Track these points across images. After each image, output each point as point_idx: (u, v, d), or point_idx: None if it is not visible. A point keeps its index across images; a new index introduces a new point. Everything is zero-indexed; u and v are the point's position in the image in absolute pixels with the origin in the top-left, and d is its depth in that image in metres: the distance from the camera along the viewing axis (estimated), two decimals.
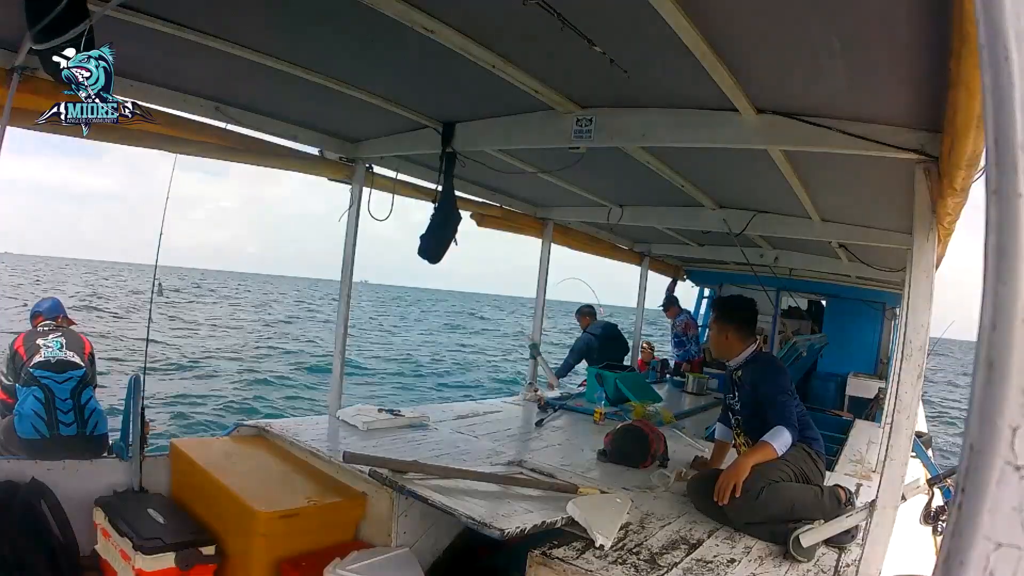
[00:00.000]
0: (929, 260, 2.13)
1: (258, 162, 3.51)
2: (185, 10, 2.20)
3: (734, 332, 2.91)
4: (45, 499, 2.70)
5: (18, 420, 3.32)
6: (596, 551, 2.22)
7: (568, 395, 5.45)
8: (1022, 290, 0.36)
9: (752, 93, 2.33)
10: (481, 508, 2.37)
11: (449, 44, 2.19)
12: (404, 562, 2.60)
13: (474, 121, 3.31)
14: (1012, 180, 0.37)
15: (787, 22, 1.81)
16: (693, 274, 8.62)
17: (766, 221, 4.46)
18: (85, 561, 2.74)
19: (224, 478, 2.77)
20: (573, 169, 3.47)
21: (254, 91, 3.04)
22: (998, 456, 0.37)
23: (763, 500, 2.48)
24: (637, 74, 2.37)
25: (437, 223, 3.65)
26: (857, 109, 2.26)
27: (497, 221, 5.09)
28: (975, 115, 1.29)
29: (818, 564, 2.34)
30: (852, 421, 5.59)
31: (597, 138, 2.84)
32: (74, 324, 3.88)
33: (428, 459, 2.96)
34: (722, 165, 3.46)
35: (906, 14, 1.60)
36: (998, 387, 0.37)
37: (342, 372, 4.02)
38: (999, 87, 0.37)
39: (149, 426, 3.13)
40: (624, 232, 6.39)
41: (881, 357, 7.70)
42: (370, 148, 3.81)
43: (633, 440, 3.47)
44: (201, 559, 2.51)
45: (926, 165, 2.11)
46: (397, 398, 13.05)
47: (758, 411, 2.76)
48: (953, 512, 0.39)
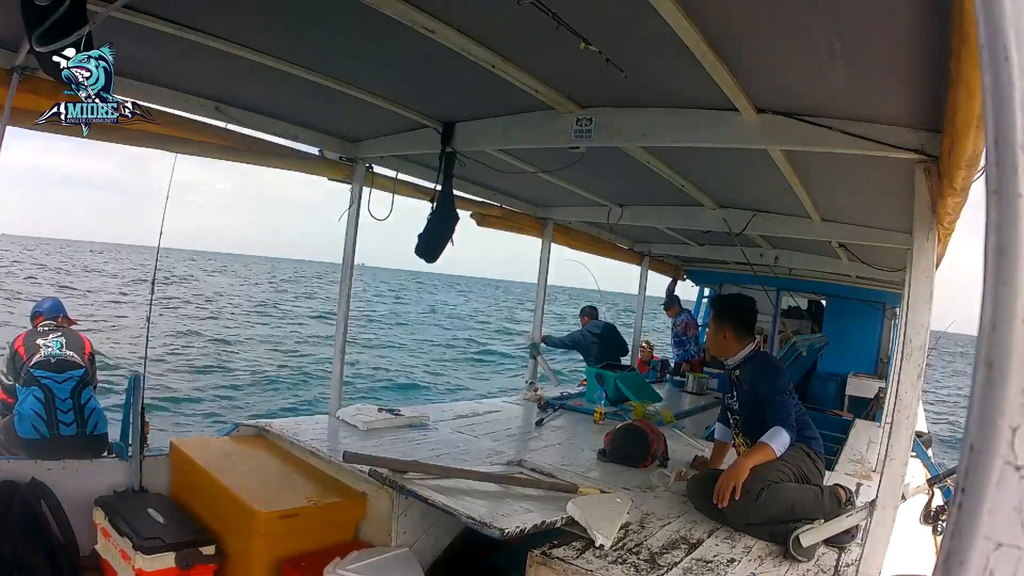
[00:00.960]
0: (929, 260, 2.13)
1: (258, 162, 3.51)
2: (185, 10, 2.20)
3: (731, 331, 2.90)
4: (45, 499, 2.70)
5: (18, 420, 3.32)
6: (596, 551, 2.22)
7: (568, 395, 5.45)
8: (1022, 290, 0.36)
9: (752, 93, 2.33)
10: (481, 508, 2.37)
11: (449, 44, 2.19)
12: (404, 562, 2.60)
13: (474, 121, 3.31)
14: (1012, 180, 0.37)
15: (787, 22, 1.81)
16: (693, 274, 8.62)
17: (766, 221, 4.46)
18: (85, 561, 2.74)
19: (224, 478, 2.77)
20: (573, 169, 3.47)
21: (254, 91, 3.04)
22: (998, 456, 0.37)
23: (763, 501, 2.48)
24: (637, 74, 2.37)
25: (435, 222, 3.65)
26: (857, 109, 2.26)
27: (497, 221, 5.08)
28: (975, 115, 1.29)
29: (818, 564, 2.34)
30: (852, 421, 5.59)
31: (597, 138, 2.84)
32: (75, 324, 3.88)
33: (428, 459, 2.96)
34: (722, 165, 3.46)
35: (906, 14, 1.60)
36: (998, 387, 0.37)
37: (342, 372, 4.02)
38: (999, 87, 0.37)
39: (149, 425, 3.13)
40: (624, 232, 6.39)
41: (881, 357, 7.70)
42: (370, 148, 3.81)
43: (633, 440, 3.48)
44: (201, 559, 2.52)
45: (926, 165, 2.11)
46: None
47: (757, 411, 2.75)
48: (953, 512, 0.39)
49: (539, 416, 4.54)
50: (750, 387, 2.81)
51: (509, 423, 4.34)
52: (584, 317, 6.52)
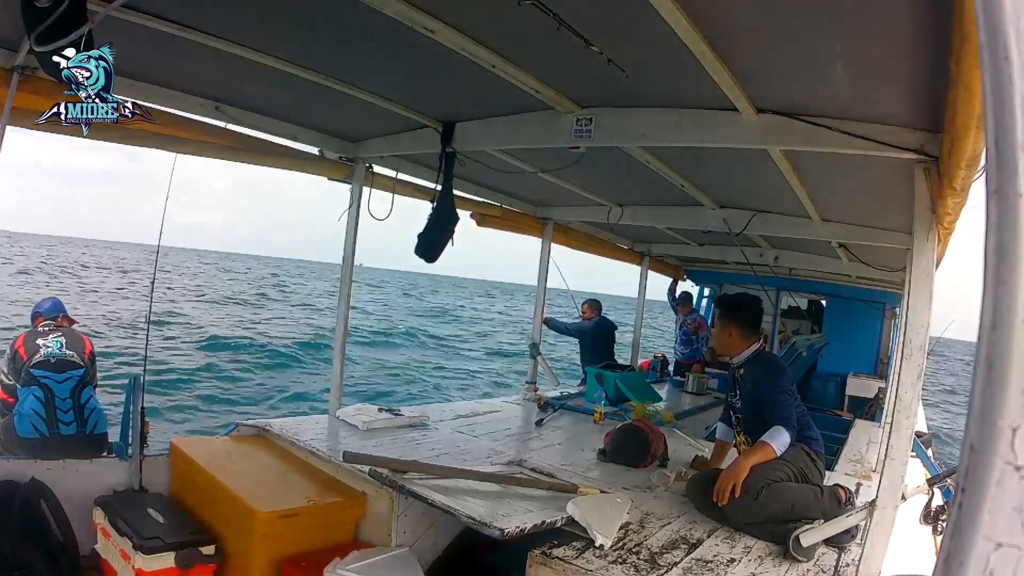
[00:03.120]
0: (929, 260, 2.13)
1: (258, 162, 3.51)
2: (185, 10, 2.20)
3: (737, 330, 2.90)
4: (45, 499, 2.70)
5: (18, 420, 3.32)
6: (596, 551, 2.22)
7: (568, 395, 5.45)
8: (1022, 290, 0.36)
9: (752, 93, 2.33)
10: (481, 508, 2.37)
11: (449, 44, 2.19)
12: (404, 562, 2.60)
13: (474, 120, 3.30)
14: (1012, 180, 0.37)
15: (787, 22, 1.81)
16: (693, 274, 8.61)
17: (766, 221, 4.45)
18: (85, 561, 2.74)
19: (224, 478, 2.77)
20: (573, 169, 3.47)
21: (254, 91, 3.04)
22: (998, 456, 0.37)
23: (762, 500, 2.48)
24: (637, 74, 2.37)
25: (435, 222, 3.65)
26: (857, 109, 2.26)
27: (497, 221, 5.09)
28: (975, 115, 1.29)
29: (818, 564, 2.34)
30: (852, 421, 5.59)
31: (597, 138, 2.84)
32: (75, 323, 3.88)
33: (428, 459, 2.96)
34: (722, 165, 3.46)
35: (906, 14, 1.60)
36: (998, 387, 0.37)
37: (342, 372, 4.02)
38: (999, 87, 0.37)
39: (149, 425, 3.13)
40: (624, 232, 6.39)
41: (881, 357, 7.70)
42: (370, 148, 3.81)
43: (633, 440, 3.48)
44: (201, 559, 2.52)
45: (926, 165, 2.11)
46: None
47: (759, 410, 2.75)
48: (953, 512, 0.39)
49: (539, 416, 4.54)
50: (753, 386, 2.81)
51: (509, 423, 4.34)
52: (590, 310, 6.43)
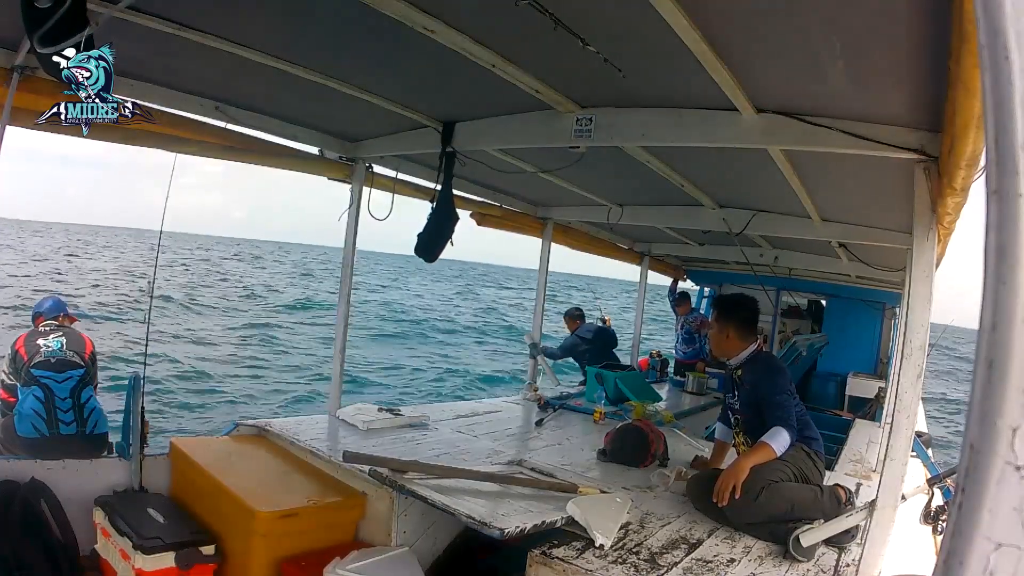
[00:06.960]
0: (929, 260, 2.13)
1: (258, 161, 3.51)
2: (185, 10, 2.20)
3: (734, 331, 2.90)
4: (45, 498, 2.69)
5: (18, 419, 3.32)
6: (596, 551, 2.22)
7: (568, 395, 5.45)
8: (1022, 290, 0.36)
9: (752, 93, 2.33)
10: (481, 508, 2.37)
11: (449, 44, 2.19)
12: (404, 562, 2.60)
13: (474, 120, 3.30)
14: (1012, 180, 0.37)
15: (787, 22, 1.81)
16: (693, 274, 8.61)
17: (766, 221, 4.45)
18: (85, 561, 2.73)
19: (224, 478, 2.77)
20: (573, 169, 3.47)
21: (254, 91, 3.04)
22: (998, 456, 0.37)
23: (762, 500, 2.48)
24: (637, 73, 2.37)
25: (435, 222, 3.65)
26: (857, 109, 2.26)
27: (497, 221, 5.08)
28: (975, 115, 1.29)
29: (818, 564, 2.34)
30: (852, 421, 5.59)
31: (597, 137, 2.84)
32: (75, 323, 3.88)
33: (428, 459, 2.96)
34: (722, 165, 3.46)
35: (906, 14, 1.60)
36: (998, 387, 0.37)
37: (342, 371, 4.02)
38: (999, 87, 0.37)
39: (149, 425, 3.13)
40: (624, 232, 6.38)
41: (881, 357, 7.69)
42: (370, 148, 3.81)
43: (633, 440, 3.48)
44: (201, 559, 2.51)
45: (926, 165, 2.11)
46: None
47: (758, 411, 2.75)
48: (953, 512, 0.39)
49: (539, 416, 4.53)
50: (751, 387, 2.81)
51: (509, 423, 4.34)
52: (572, 321, 6.34)
